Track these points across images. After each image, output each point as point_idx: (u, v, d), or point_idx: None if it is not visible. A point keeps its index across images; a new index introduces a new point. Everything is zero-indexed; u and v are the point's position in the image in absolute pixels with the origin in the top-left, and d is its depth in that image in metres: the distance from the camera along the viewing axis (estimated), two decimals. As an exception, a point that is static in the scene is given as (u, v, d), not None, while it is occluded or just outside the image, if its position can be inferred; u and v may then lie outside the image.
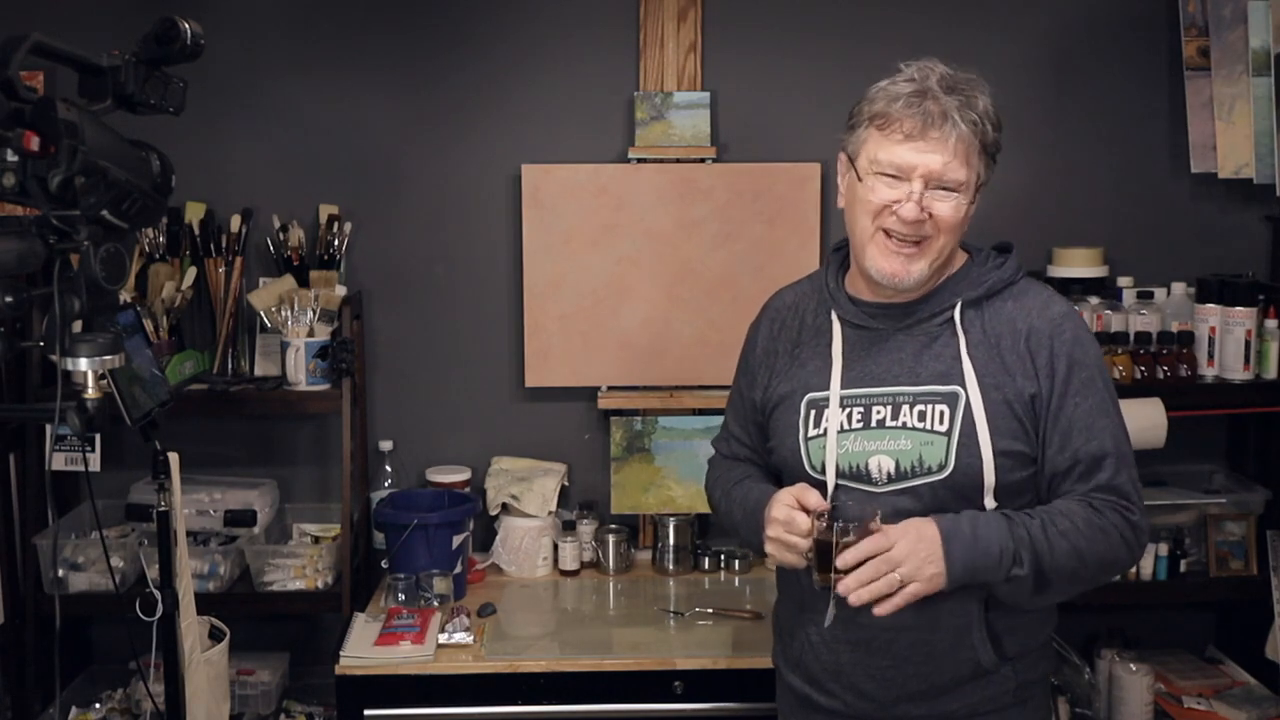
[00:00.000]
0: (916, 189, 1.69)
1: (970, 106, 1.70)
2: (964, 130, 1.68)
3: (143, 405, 2.00)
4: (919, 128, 1.68)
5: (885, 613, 1.65)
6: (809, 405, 1.81)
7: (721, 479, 2.02)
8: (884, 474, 1.74)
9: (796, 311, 1.92)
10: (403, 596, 2.60)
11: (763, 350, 1.95)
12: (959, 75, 1.73)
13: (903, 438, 1.74)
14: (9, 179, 1.54)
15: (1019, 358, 1.74)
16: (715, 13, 2.86)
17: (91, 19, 2.77)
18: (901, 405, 1.75)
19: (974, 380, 1.73)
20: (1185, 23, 2.84)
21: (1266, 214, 2.91)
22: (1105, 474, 1.72)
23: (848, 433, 1.77)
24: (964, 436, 1.71)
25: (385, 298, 2.92)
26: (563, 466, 2.93)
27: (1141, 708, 2.66)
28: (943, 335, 1.77)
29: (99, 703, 2.69)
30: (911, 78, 1.71)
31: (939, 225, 1.71)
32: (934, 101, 1.68)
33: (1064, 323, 1.76)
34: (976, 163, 1.72)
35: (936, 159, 1.68)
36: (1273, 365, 2.70)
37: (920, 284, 1.76)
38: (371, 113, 2.88)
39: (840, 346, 1.82)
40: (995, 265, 1.81)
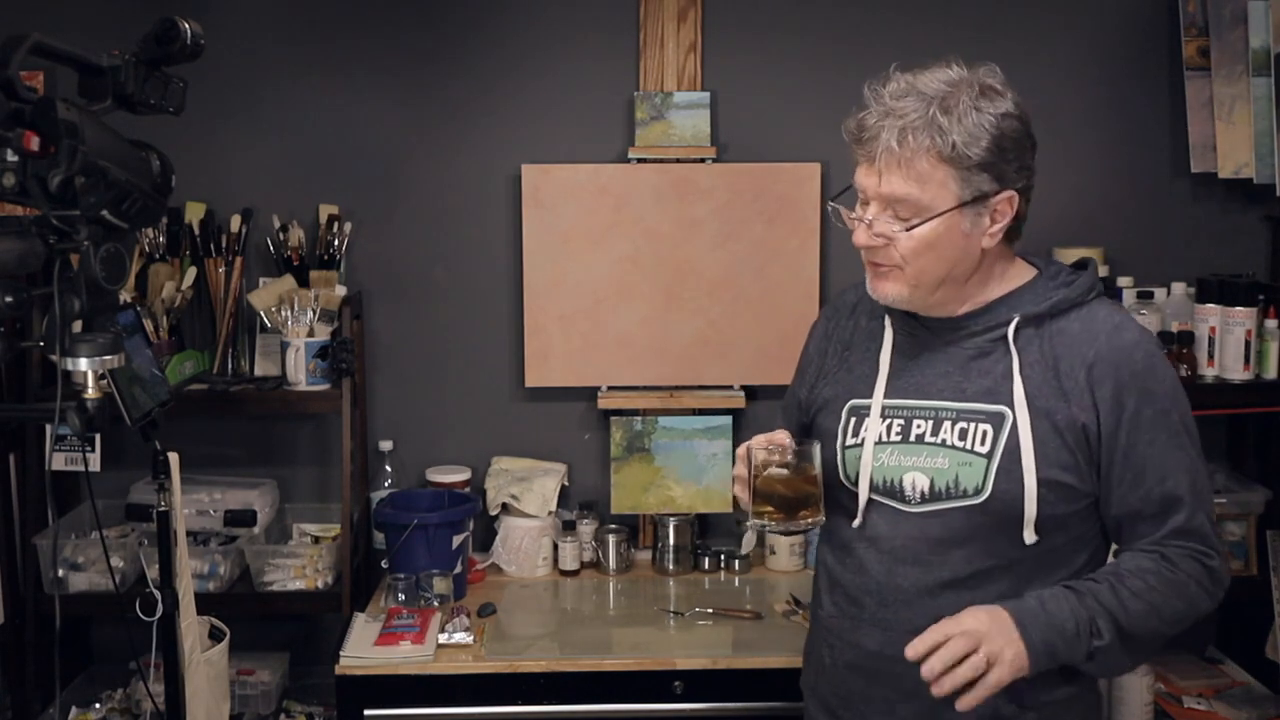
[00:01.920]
0: (870, 213, 1.58)
1: (924, 118, 1.52)
2: (895, 147, 1.52)
3: (143, 405, 2.00)
4: (856, 144, 1.58)
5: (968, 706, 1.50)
6: (850, 412, 1.72)
7: None
8: (918, 492, 1.64)
9: (854, 312, 1.82)
10: (403, 596, 2.60)
11: (815, 349, 1.86)
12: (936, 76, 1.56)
13: (940, 455, 1.63)
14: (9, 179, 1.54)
15: (1078, 385, 1.59)
16: (715, 13, 2.86)
17: (91, 19, 2.77)
18: (944, 421, 1.64)
19: (1023, 402, 1.59)
20: (1185, 23, 2.84)
21: (1266, 214, 2.91)
22: (1180, 517, 1.59)
23: (885, 445, 1.67)
24: (1005, 461, 1.59)
25: (385, 298, 2.92)
26: (563, 466, 2.93)
27: (1141, 708, 2.65)
28: (995, 352, 1.64)
29: (99, 703, 2.69)
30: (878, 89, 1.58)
31: (899, 252, 1.58)
32: (878, 116, 1.55)
33: (1134, 351, 1.60)
34: (938, 180, 1.54)
35: (874, 179, 1.56)
36: (1273, 365, 2.69)
37: (917, 304, 1.65)
38: (371, 113, 2.88)
39: (889, 354, 1.71)
40: (1063, 283, 1.66)
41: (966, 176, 1.54)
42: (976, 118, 1.54)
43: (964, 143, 1.52)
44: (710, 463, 2.90)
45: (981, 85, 1.57)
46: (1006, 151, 1.56)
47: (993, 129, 1.54)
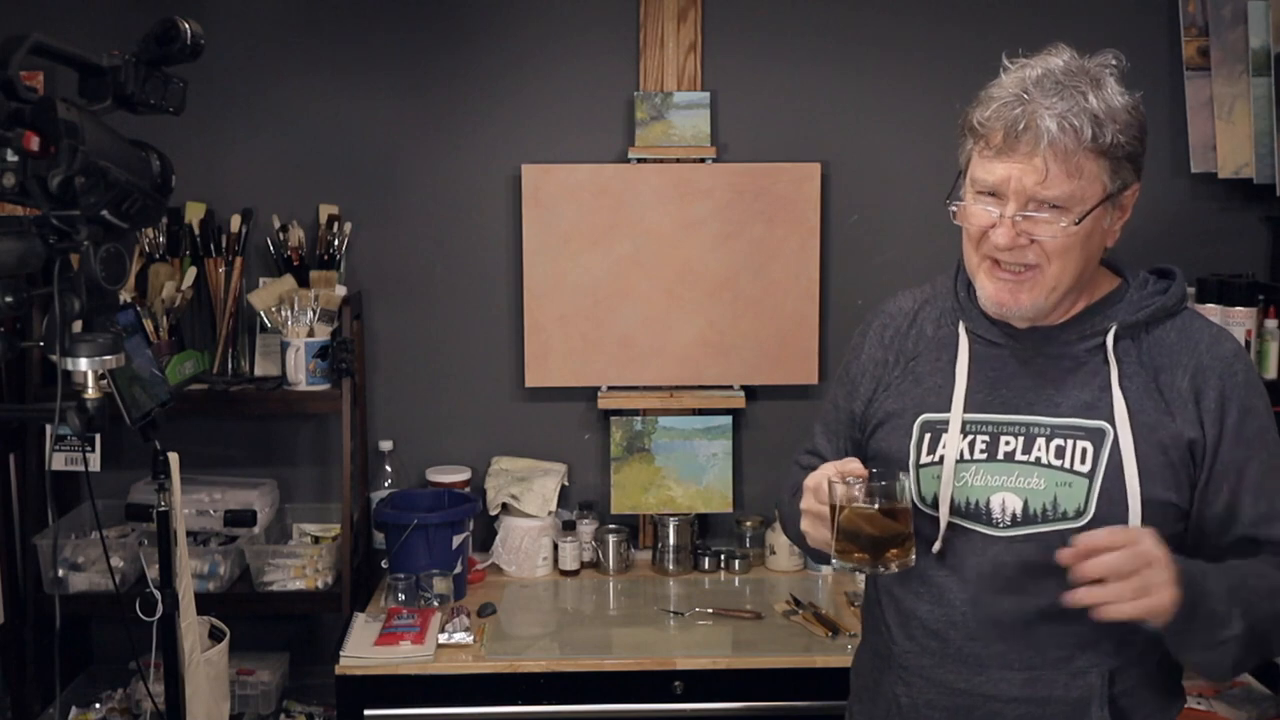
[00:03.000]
0: (1010, 210, 1.45)
1: (1079, 106, 1.43)
2: (1060, 137, 1.41)
3: (143, 405, 2.00)
4: (1007, 138, 1.44)
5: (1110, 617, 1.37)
6: (923, 427, 1.57)
7: (791, 485, 1.75)
8: (1008, 515, 1.50)
9: (915, 320, 1.67)
10: (403, 596, 2.60)
11: (869, 358, 1.68)
12: (1073, 66, 1.48)
13: (1035, 475, 1.50)
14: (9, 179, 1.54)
15: (1180, 397, 1.49)
16: (715, 13, 2.86)
17: (91, 19, 2.77)
18: (1036, 438, 1.51)
19: (1125, 417, 1.48)
20: (1185, 23, 2.84)
21: (1266, 214, 2.91)
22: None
23: (968, 463, 1.53)
24: (1109, 480, 1.46)
25: (385, 298, 2.93)
26: (563, 466, 2.93)
27: (1141, 708, 2.65)
28: (1091, 363, 1.52)
29: (99, 703, 2.69)
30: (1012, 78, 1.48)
31: (1045, 251, 1.46)
32: (1025, 105, 1.43)
33: (1235, 363, 1.51)
34: (1092, 173, 1.44)
35: (1028, 174, 1.43)
36: (1273, 365, 2.69)
37: (1040, 313, 1.52)
38: (371, 113, 2.88)
39: (967, 364, 1.57)
40: (1158, 290, 1.56)
41: (1116, 167, 1.47)
42: (1123, 104, 1.47)
43: (1117, 131, 1.45)
44: (710, 463, 2.90)
45: (1117, 72, 1.50)
46: (1145, 139, 1.50)
47: (1139, 116, 1.49)
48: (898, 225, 2.90)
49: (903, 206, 2.90)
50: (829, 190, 2.86)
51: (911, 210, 2.90)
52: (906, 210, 2.90)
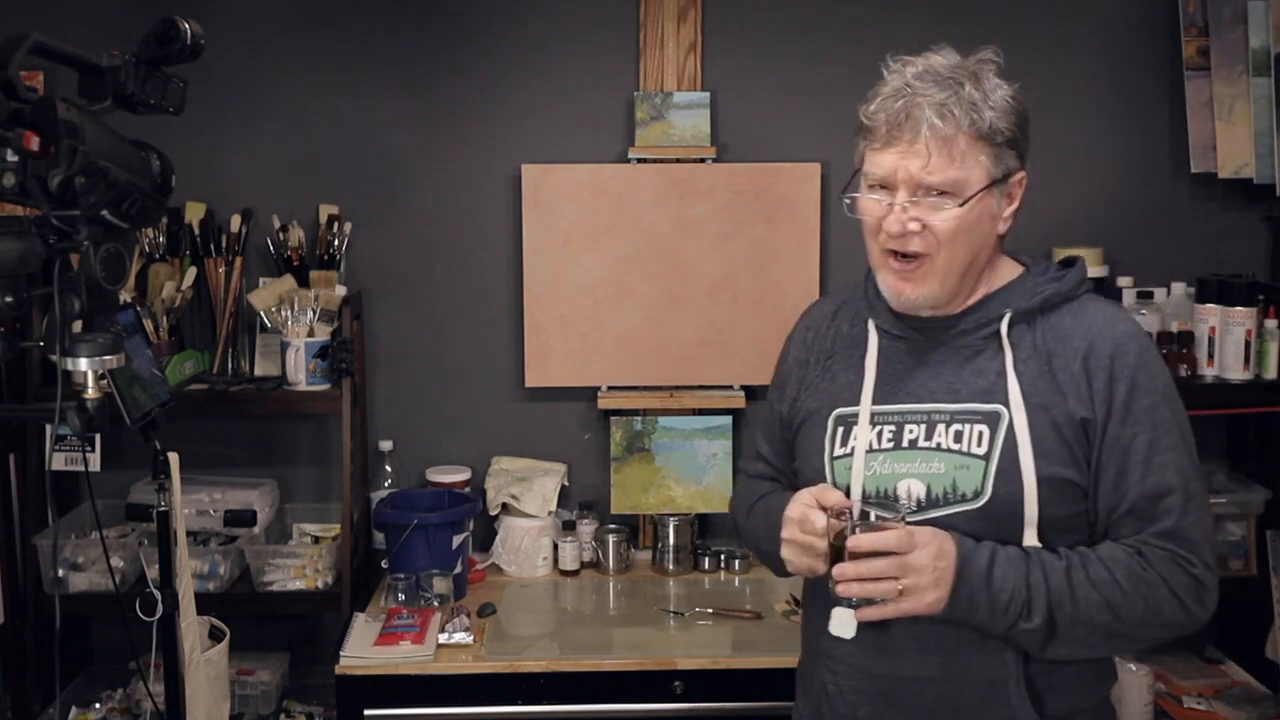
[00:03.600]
0: (900, 199, 1.52)
1: (958, 95, 1.50)
2: (939, 124, 1.48)
3: (143, 405, 2.00)
4: (891, 130, 1.51)
5: (865, 619, 1.50)
6: (837, 422, 1.64)
7: (745, 497, 1.83)
8: (913, 500, 1.56)
9: (833, 321, 1.74)
10: (403, 596, 2.60)
11: (794, 360, 1.77)
12: (954, 62, 1.55)
13: (936, 460, 1.55)
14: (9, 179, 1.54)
15: (1073, 378, 1.54)
16: (715, 13, 2.86)
17: (91, 19, 2.77)
18: (937, 424, 1.57)
19: (1019, 399, 1.53)
20: (1185, 23, 2.84)
21: (1266, 214, 2.91)
22: (1167, 520, 1.51)
23: (876, 453, 1.59)
24: (1004, 461, 1.52)
25: (385, 298, 2.93)
26: (563, 466, 2.93)
27: (1141, 708, 2.65)
28: (988, 349, 1.58)
29: (99, 703, 2.69)
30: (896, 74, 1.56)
31: (935, 237, 1.52)
32: (906, 98, 1.50)
33: (1129, 342, 1.55)
34: (974, 159, 1.51)
35: (912, 162, 1.50)
36: (1272, 365, 2.69)
37: (937, 301, 1.58)
38: (371, 113, 2.88)
39: (875, 359, 1.65)
40: (1053, 277, 1.62)
41: (998, 153, 1.53)
42: (1003, 93, 1.54)
43: (996, 118, 1.52)
44: (710, 463, 2.90)
45: (993, 67, 1.57)
46: (1026, 128, 1.57)
47: (1016, 104, 1.55)
48: (898, 225, 2.89)
49: (903, 206, 2.90)
50: (829, 190, 2.86)
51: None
52: (906, 210, 2.90)
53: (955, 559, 1.48)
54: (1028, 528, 1.52)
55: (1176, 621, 1.54)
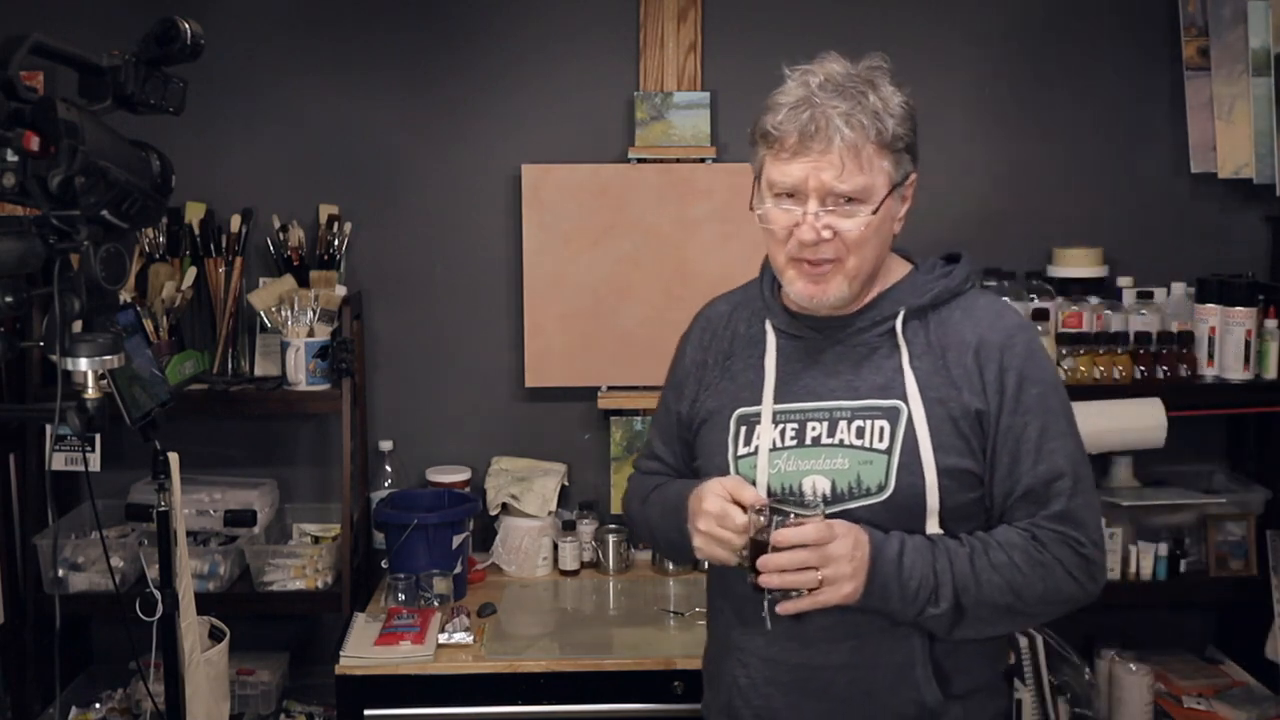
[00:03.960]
0: (812, 208, 1.56)
1: (860, 105, 1.54)
2: (850, 135, 1.53)
3: (143, 405, 2.00)
4: (800, 140, 1.55)
5: (785, 612, 1.54)
6: (739, 421, 1.68)
7: (639, 491, 1.86)
8: (819, 496, 1.59)
9: (729, 321, 1.78)
10: (403, 596, 2.60)
11: (692, 361, 1.80)
12: (851, 71, 1.58)
13: (839, 456, 1.60)
14: (9, 179, 1.54)
15: (966, 371, 1.60)
16: (715, 13, 2.86)
17: (91, 19, 2.77)
18: (839, 421, 1.61)
19: (917, 394, 1.59)
20: (1185, 23, 2.84)
21: (1266, 214, 2.91)
22: (1058, 503, 1.58)
23: (780, 451, 1.63)
24: (905, 455, 1.57)
25: (385, 298, 2.93)
26: (563, 466, 2.93)
27: (1141, 708, 2.65)
28: (883, 347, 1.64)
29: (99, 703, 2.69)
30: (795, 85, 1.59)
31: (846, 243, 1.57)
32: (813, 109, 1.54)
33: (1016, 335, 1.62)
34: (879, 165, 1.56)
35: (824, 171, 1.54)
36: (1272, 365, 2.70)
37: (844, 302, 1.63)
38: (371, 113, 2.88)
39: (774, 359, 1.69)
40: (941, 274, 1.68)
41: (898, 159, 1.58)
42: (898, 100, 1.58)
43: (895, 124, 1.56)
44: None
45: (887, 70, 1.61)
46: (917, 131, 1.62)
47: (909, 110, 1.60)
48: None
49: (903, 206, 2.90)
50: (829, 190, 2.86)
51: (910, 210, 2.89)
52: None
53: (868, 552, 1.54)
54: (930, 517, 1.58)
55: (1072, 598, 1.60)
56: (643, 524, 1.85)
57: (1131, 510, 2.76)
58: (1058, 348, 2.69)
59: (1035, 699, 2.65)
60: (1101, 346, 2.70)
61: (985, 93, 2.89)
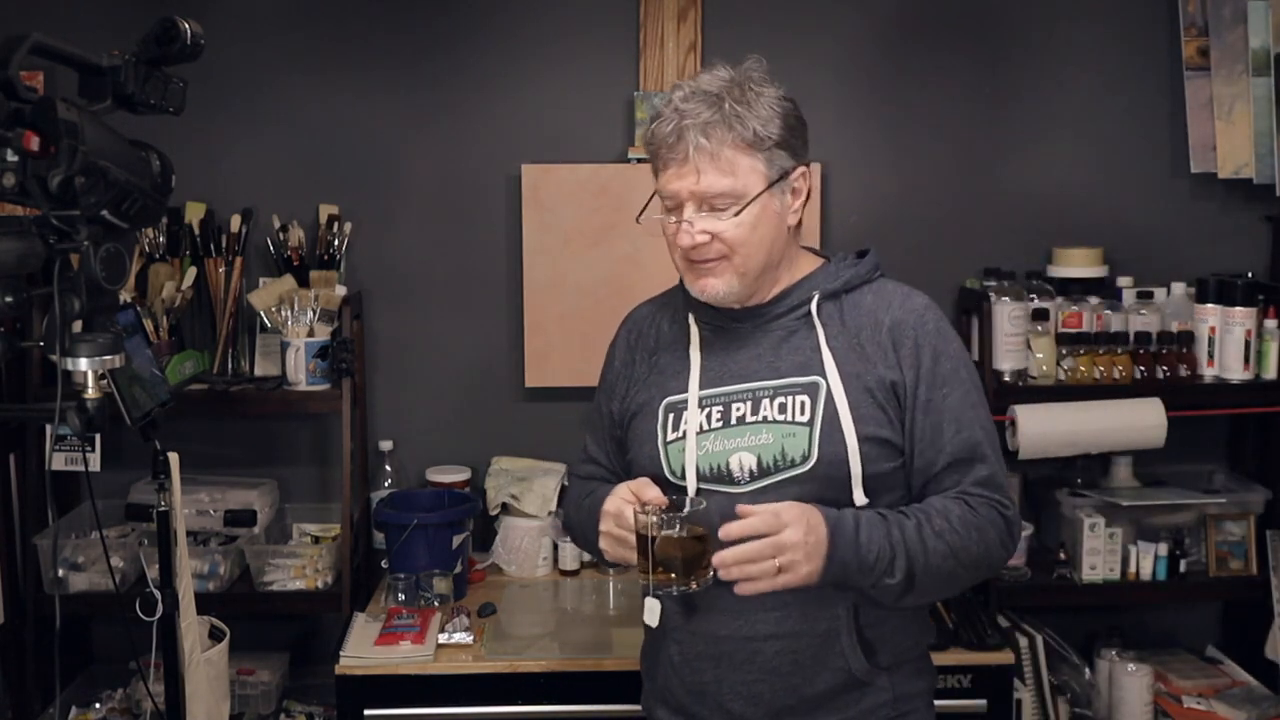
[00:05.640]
0: (687, 215, 1.65)
1: (722, 112, 1.61)
2: (705, 142, 1.61)
3: (143, 405, 2.00)
4: (665, 152, 1.65)
5: (746, 593, 1.57)
6: (667, 409, 1.75)
7: (575, 496, 1.93)
8: (746, 471, 1.66)
9: (654, 321, 1.87)
10: (403, 596, 2.60)
11: (621, 362, 1.88)
12: (724, 77, 1.66)
13: (764, 432, 1.67)
14: (9, 179, 1.54)
15: (880, 347, 1.69)
16: (715, 13, 2.86)
17: (91, 19, 2.77)
18: (761, 399, 1.69)
19: (834, 369, 1.67)
20: (1185, 23, 2.84)
21: (1266, 214, 2.91)
22: (981, 468, 1.66)
23: (707, 433, 1.70)
24: (826, 425, 1.64)
25: (385, 298, 2.93)
26: (563, 466, 2.92)
27: (1141, 708, 2.66)
28: (801, 329, 1.72)
29: (99, 703, 2.69)
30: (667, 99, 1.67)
31: (726, 242, 1.65)
32: (678, 120, 1.62)
33: (926, 313, 1.71)
34: (746, 167, 1.63)
35: (688, 180, 1.63)
36: (1272, 365, 2.70)
37: (740, 295, 1.71)
38: (371, 113, 2.88)
39: (698, 349, 1.77)
40: (852, 264, 1.78)
41: (770, 157, 1.65)
42: (764, 102, 1.64)
43: (761, 126, 1.63)
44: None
45: (757, 75, 1.67)
46: (795, 129, 1.68)
47: (780, 109, 1.66)
48: (897, 225, 2.89)
49: (901, 206, 2.90)
50: (828, 190, 2.86)
51: (910, 210, 2.90)
52: (905, 210, 2.90)
53: (825, 530, 1.58)
54: (855, 487, 1.64)
55: (996, 559, 1.69)
56: (576, 529, 1.92)
57: (1131, 510, 2.76)
58: (1058, 348, 2.69)
59: (1035, 699, 2.65)
60: (1101, 346, 2.70)
61: (985, 92, 2.89)
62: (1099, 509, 2.73)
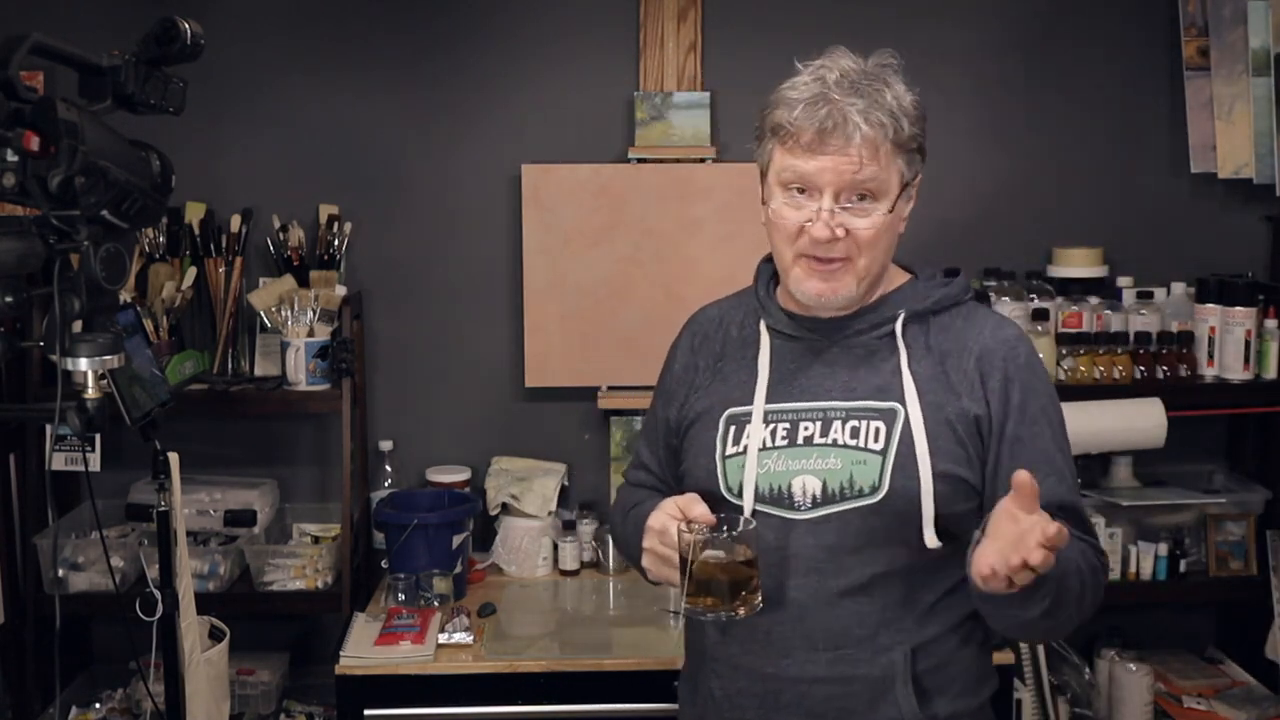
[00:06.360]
0: (826, 205, 1.51)
1: (877, 103, 1.50)
2: (868, 132, 1.48)
3: (143, 405, 2.00)
4: (818, 136, 1.50)
5: (993, 584, 1.36)
6: (729, 421, 1.62)
7: (623, 505, 1.81)
8: (808, 497, 1.54)
9: (721, 324, 1.73)
10: (403, 596, 2.60)
11: (682, 366, 1.74)
12: (864, 68, 1.54)
13: (832, 456, 1.54)
14: (9, 179, 1.54)
15: (966, 377, 1.57)
16: (715, 13, 2.86)
17: (91, 19, 2.77)
18: (833, 421, 1.56)
19: (915, 396, 1.54)
20: (1185, 23, 2.84)
21: (1266, 214, 2.91)
22: (1083, 513, 1.55)
23: (770, 451, 1.57)
24: (900, 456, 1.52)
25: (385, 298, 2.92)
26: (563, 466, 2.93)
27: (1141, 708, 2.66)
28: (882, 349, 1.59)
29: (99, 703, 2.69)
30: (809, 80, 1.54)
31: (858, 242, 1.52)
32: (831, 104, 1.49)
33: (1018, 346, 1.59)
34: (893, 164, 1.52)
35: (842, 168, 1.50)
36: (1272, 365, 2.70)
37: (853, 302, 1.59)
38: (371, 113, 2.88)
39: (768, 358, 1.64)
40: (942, 283, 1.65)
41: (910, 158, 1.55)
42: (911, 98, 1.55)
43: (909, 123, 1.53)
44: (710, 463, 2.90)
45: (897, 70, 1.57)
46: (925, 131, 1.58)
47: (920, 109, 1.56)
48: (898, 225, 2.89)
49: (903, 206, 2.90)
50: (829, 190, 2.86)
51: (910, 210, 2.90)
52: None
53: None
54: (926, 526, 1.52)
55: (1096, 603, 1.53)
56: (622, 541, 1.81)
57: (1131, 510, 2.76)
58: (1058, 348, 2.69)
59: (1035, 699, 2.65)
60: (1101, 346, 2.70)
61: (985, 92, 2.89)
62: (1099, 509, 2.73)
